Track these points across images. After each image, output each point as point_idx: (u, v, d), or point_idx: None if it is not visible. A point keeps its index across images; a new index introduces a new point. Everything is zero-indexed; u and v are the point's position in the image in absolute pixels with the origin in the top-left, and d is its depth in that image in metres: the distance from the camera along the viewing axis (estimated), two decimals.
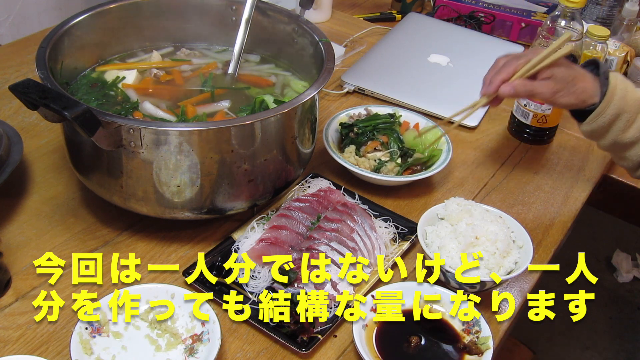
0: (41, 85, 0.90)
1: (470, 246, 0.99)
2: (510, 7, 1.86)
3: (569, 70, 1.09)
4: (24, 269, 1.01)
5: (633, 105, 1.09)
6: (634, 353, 2.27)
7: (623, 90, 1.09)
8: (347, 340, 0.94)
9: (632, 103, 1.09)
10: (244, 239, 1.05)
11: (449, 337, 0.94)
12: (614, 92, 1.08)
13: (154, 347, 0.89)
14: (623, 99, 1.08)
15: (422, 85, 1.53)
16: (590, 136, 1.15)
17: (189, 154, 0.95)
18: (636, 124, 1.09)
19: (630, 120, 1.09)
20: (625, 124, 1.09)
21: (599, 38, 1.60)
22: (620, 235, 2.62)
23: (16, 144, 1.14)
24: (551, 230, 1.19)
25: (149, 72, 1.23)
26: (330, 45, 1.14)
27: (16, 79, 1.44)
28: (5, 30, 2.16)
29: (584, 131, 1.14)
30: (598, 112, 1.09)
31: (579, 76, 1.09)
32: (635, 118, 1.09)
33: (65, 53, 1.11)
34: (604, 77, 1.10)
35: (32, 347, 0.90)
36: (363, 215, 1.10)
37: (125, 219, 1.10)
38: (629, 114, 1.09)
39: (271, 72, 1.28)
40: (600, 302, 2.40)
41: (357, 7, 1.99)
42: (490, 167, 1.33)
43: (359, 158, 1.24)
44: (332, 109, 1.46)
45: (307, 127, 1.09)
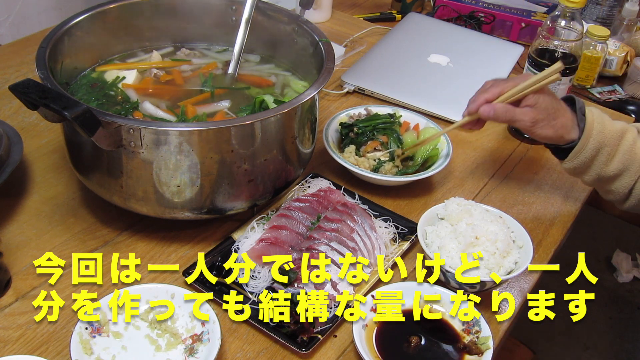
0: (41, 85, 0.90)
1: (470, 246, 0.99)
2: (510, 7, 1.86)
3: (552, 102, 1.09)
4: (24, 269, 1.01)
5: (612, 138, 1.09)
6: (634, 353, 2.27)
7: (600, 124, 1.09)
8: (347, 340, 0.94)
9: (611, 136, 1.09)
10: (244, 239, 1.05)
11: (449, 337, 0.94)
12: (592, 127, 1.09)
13: (154, 347, 0.89)
14: (601, 133, 1.09)
15: (422, 85, 1.53)
16: (573, 173, 1.15)
17: (189, 154, 0.95)
18: (618, 157, 1.10)
19: (611, 153, 1.10)
20: (607, 157, 1.10)
21: (599, 38, 1.60)
22: (620, 235, 2.62)
23: (16, 144, 1.14)
24: (551, 230, 1.19)
25: (149, 72, 1.23)
26: (330, 45, 1.14)
27: (16, 79, 1.44)
28: (5, 30, 2.16)
29: (567, 169, 1.14)
30: (579, 147, 1.10)
31: (560, 109, 1.10)
32: (617, 150, 1.10)
33: (65, 53, 1.11)
34: (580, 113, 1.11)
35: (32, 347, 0.90)
36: (363, 215, 1.10)
37: (125, 219, 1.10)
38: (609, 147, 1.09)
39: (271, 72, 1.28)
40: (600, 302, 2.40)
41: (357, 7, 1.99)
42: (490, 167, 1.33)
43: (358, 158, 1.24)
44: (332, 109, 1.46)
45: (307, 127, 1.09)
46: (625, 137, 1.10)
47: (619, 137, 1.10)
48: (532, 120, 1.08)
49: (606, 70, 1.70)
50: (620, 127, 1.11)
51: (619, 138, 1.09)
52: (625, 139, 1.10)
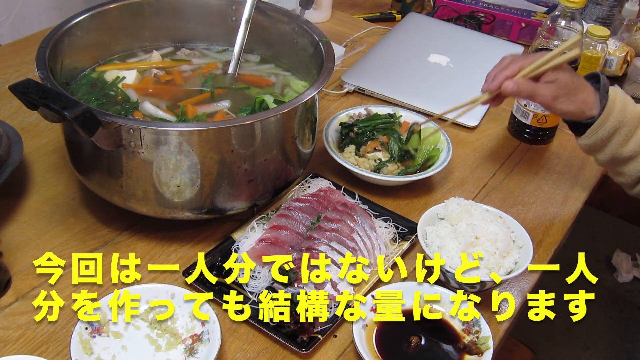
0: (41, 85, 0.90)
1: (470, 246, 0.99)
2: (510, 7, 1.86)
3: (572, 78, 1.09)
4: (24, 269, 1.01)
5: (632, 119, 1.09)
6: (634, 353, 2.27)
7: (622, 103, 1.09)
8: (347, 340, 0.94)
9: (631, 117, 1.09)
10: (244, 239, 1.05)
11: (449, 337, 0.94)
12: (613, 105, 1.08)
13: (154, 347, 0.89)
14: (622, 112, 1.08)
15: (422, 85, 1.53)
16: (588, 150, 1.15)
17: (189, 154, 0.95)
18: (635, 138, 1.10)
19: (629, 134, 1.10)
20: (624, 138, 1.10)
21: (599, 38, 1.60)
22: (620, 235, 2.62)
23: (16, 144, 1.14)
24: (551, 230, 1.19)
25: (149, 72, 1.23)
26: (330, 45, 1.14)
27: (16, 79, 1.44)
28: (5, 30, 2.16)
29: (583, 145, 1.14)
30: (597, 124, 1.09)
31: (581, 86, 1.09)
32: (635, 132, 1.10)
33: (65, 53, 1.11)
34: (604, 91, 1.10)
35: (32, 347, 0.90)
36: (363, 215, 1.10)
37: (125, 219, 1.10)
38: (627, 128, 1.09)
39: (271, 72, 1.28)
40: (600, 302, 2.40)
41: (357, 7, 1.99)
42: (490, 167, 1.33)
43: (359, 158, 1.24)
44: (332, 109, 1.46)
45: (307, 127, 1.09)
46: None
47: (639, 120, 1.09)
48: (552, 95, 1.07)
49: (606, 70, 1.70)
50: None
51: (639, 121, 1.09)
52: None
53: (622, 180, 1.16)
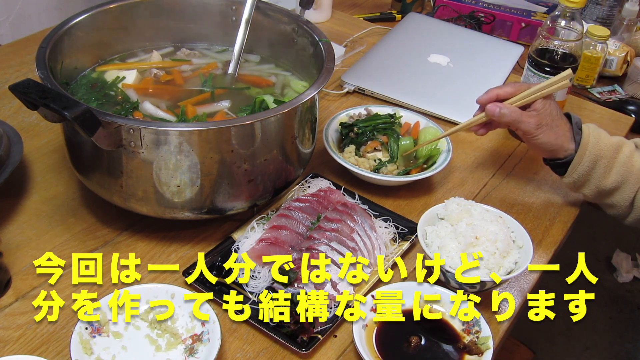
0: (41, 85, 0.90)
1: (470, 246, 0.99)
2: (510, 7, 1.86)
3: (557, 110, 1.13)
4: (24, 269, 1.01)
5: (608, 150, 1.12)
6: (634, 353, 2.27)
7: (596, 137, 1.13)
8: (347, 340, 0.94)
9: (607, 148, 1.12)
10: (244, 239, 1.05)
11: (449, 337, 0.94)
12: (587, 139, 1.12)
13: (154, 347, 0.89)
14: (597, 145, 1.12)
15: (422, 85, 1.53)
16: (574, 187, 1.18)
17: (189, 154, 0.95)
18: (615, 169, 1.12)
19: (609, 165, 1.12)
20: (605, 169, 1.12)
21: (599, 38, 1.60)
22: (620, 235, 2.62)
23: (16, 144, 1.14)
24: (551, 230, 1.19)
25: (149, 72, 1.23)
26: (330, 45, 1.14)
27: (16, 79, 1.44)
28: (5, 30, 2.16)
29: (567, 183, 1.17)
30: (576, 161, 1.13)
31: (562, 119, 1.13)
32: (614, 162, 1.13)
33: (65, 53, 1.11)
34: (576, 127, 1.14)
35: (32, 347, 0.90)
36: (363, 215, 1.10)
37: (125, 219, 1.10)
38: (606, 159, 1.12)
39: (271, 72, 1.28)
40: (600, 302, 2.40)
41: (357, 7, 1.99)
42: (490, 167, 1.33)
43: (358, 158, 1.24)
44: (332, 109, 1.46)
45: (307, 127, 1.09)
46: (622, 149, 1.13)
47: (616, 150, 1.13)
48: (537, 124, 1.10)
49: (606, 70, 1.70)
50: (617, 140, 1.14)
51: (616, 151, 1.13)
52: (622, 151, 1.13)
53: (614, 212, 1.18)
